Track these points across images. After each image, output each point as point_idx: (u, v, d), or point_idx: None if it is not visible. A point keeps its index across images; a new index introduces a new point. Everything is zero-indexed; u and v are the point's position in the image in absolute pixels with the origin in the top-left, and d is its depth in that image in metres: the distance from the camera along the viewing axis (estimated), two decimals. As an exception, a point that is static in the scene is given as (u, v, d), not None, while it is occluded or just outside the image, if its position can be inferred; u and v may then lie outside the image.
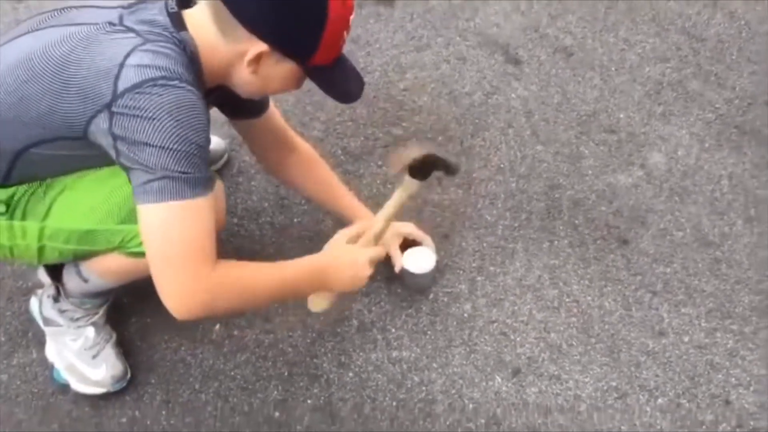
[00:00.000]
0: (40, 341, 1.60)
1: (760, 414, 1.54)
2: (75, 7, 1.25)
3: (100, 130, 1.12)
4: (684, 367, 1.61)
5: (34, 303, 1.56)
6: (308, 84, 1.33)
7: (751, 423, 1.53)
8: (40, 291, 1.55)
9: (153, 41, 1.15)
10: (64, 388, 1.55)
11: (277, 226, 1.85)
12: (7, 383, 1.58)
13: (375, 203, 1.87)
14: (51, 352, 1.56)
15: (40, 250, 1.33)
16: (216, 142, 1.90)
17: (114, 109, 1.09)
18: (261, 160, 1.74)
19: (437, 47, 2.31)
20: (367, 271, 1.42)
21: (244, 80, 1.26)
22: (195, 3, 1.24)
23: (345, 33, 1.23)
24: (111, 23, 1.17)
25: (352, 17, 1.23)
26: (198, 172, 1.13)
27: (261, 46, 1.18)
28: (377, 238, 1.50)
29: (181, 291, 1.16)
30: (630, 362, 1.61)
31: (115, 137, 1.11)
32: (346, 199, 1.70)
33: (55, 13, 1.25)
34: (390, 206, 1.50)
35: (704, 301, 1.72)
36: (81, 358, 1.53)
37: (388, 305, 1.71)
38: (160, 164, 1.10)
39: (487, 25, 2.38)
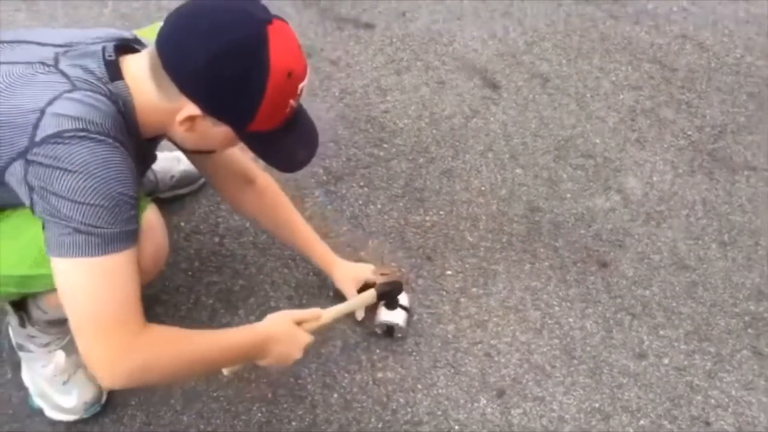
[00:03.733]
0: (15, 362, 1.54)
1: (738, 435, 1.57)
2: (9, 43, 1.18)
3: (15, 177, 1.07)
4: (664, 389, 1.63)
5: (7, 327, 1.51)
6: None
7: (731, 444, 1.56)
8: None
9: (81, 89, 1.09)
10: (39, 413, 1.50)
11: (260, 245, 1.83)
12: (-21, 405, 1.52)
13: (356, 223, 1.88)
14: (25, 377, 1.51)
15: None
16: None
17: (29, 157, 1.04)
18: (220, 192, 1.68)
19: (417, 71, 2.33)
20: (300, 354, 1.40)
21: (181, 137, 1.21)
22: (136, 50, 1.20)
23: (291, 102, 1.17)
24: (44, 64, 1.11)
25: (302, 85, 1.16)
26: (114, 227, 1.07)
27: (193, 109, 1.13)
28: (318, 331, 1.48)
29: (103, 358, 1.09)
30: (612, 384, 1.63)
31: (30, 187, 1.06)
32: (303, 235, 1.66)
33: None
34: (342, 307, 1.53)
35: (682, 323, 1.75)
36: (52, 384, 1.48)
37: (373, 326, 1.70)
38: (74, 218, 1.04)
39: (465, 50, 2.42)
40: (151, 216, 1.23)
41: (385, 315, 1.65)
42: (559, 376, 1.64)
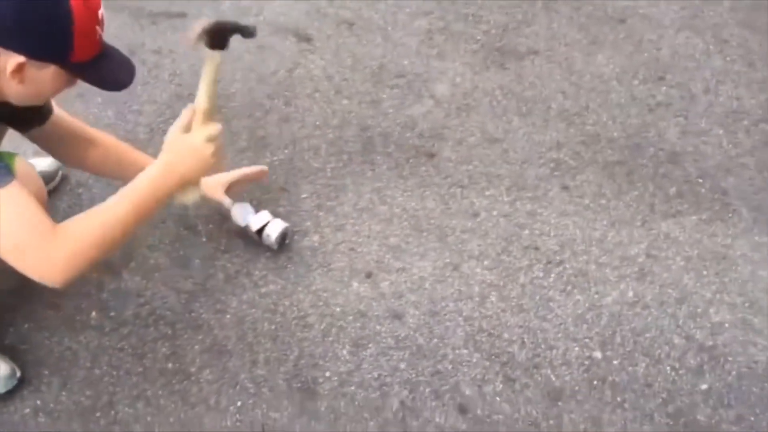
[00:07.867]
0: None
1: (562, 251, 1.92)
2: None
3: None
4: (498, 233, 1.95)
5: None
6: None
7: (557, 258, 1.90)
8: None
9: None
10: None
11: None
12: None
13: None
14: (-55, 363, 1.61)
15: None
16: (48, 164, 1.99)
17: None
18: (63, 160, 1.79)
19: (236, 42, 2.48)
20: (209, 149, 1.47)
21: (15, 91, 1.30)
22: None
23: (98, 28, 1.28)
24: None
25: (101, 11, 1.29)
26: None
27: (18, 58, 1.22)
28: (207, 117, 1.51)
29: (40, 268, 1.29)
30: (456, 242, 1.94)
31: None
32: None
33: None
34: (203, 83, 1.51)
35: (502, 182, 2.09)
36: None
37: (247, 254, 1.91)
38: None
39: (275, 15, 2.66)
40: (22, 165, 1.42)
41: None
42: (413, 248, 1.92)
